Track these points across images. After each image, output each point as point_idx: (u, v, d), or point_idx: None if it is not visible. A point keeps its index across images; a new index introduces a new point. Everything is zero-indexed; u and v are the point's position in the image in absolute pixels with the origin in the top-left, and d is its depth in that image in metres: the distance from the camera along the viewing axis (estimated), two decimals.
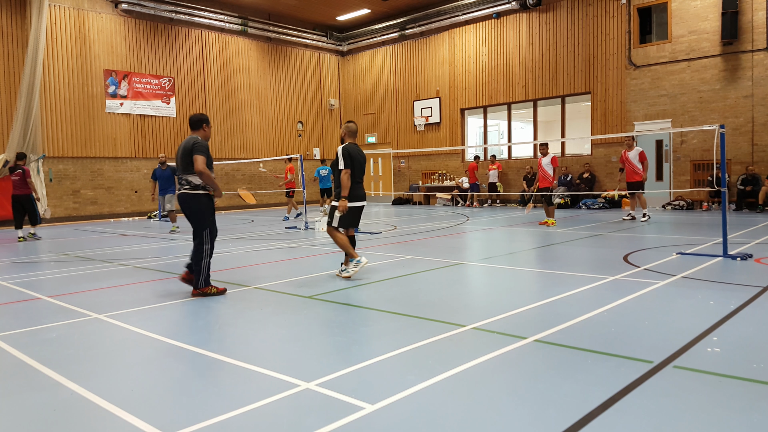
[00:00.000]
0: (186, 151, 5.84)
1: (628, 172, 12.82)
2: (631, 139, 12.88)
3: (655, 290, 5.53)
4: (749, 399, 2.93)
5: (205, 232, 5.91)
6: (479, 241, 10.58)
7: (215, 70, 21.44)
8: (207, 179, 5.81)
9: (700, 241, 8.98)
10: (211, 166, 5.94)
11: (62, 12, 17.52)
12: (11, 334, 4.61)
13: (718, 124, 7.48)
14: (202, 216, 5.91)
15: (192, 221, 5.96)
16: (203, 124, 6.07)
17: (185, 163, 5.85)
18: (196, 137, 5.94)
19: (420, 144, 23.13)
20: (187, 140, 5.92)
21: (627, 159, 12.79)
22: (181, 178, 5.93)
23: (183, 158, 5.86)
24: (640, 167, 12.63)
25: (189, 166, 5.83)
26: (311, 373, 3.47)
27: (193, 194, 5.88)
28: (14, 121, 16.18)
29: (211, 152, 6.02)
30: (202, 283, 5.87)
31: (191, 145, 5.82)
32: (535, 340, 4.01)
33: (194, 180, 5.87)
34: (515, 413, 2.85)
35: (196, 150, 5.77)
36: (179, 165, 5.93)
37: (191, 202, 5.89)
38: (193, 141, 5.86)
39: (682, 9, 16.35)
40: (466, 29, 21.50)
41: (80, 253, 9.95)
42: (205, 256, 5.87)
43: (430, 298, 5.63)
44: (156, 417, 2.92)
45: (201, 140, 5.92)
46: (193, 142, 5.83)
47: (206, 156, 5.82)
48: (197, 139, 5.90)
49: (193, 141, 5.86)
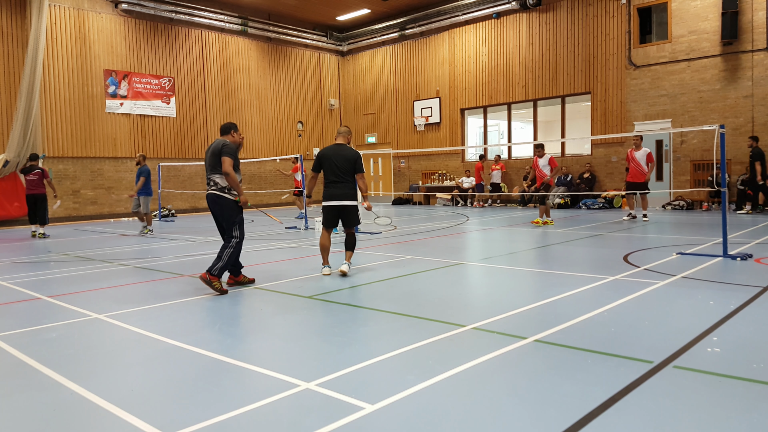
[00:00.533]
0: (215, 152, 6.11)
1: (632, 171, 12.73)
2: (639, 138, 12.78)
3: (655, 290, 5.53)
4: (749, 399, 2.93)
5: (234, 227, 6.17)
6: (479, 241, 10.58)
7: (215, 70, 21.45)
8: (232, 181, 6.06)
9: (700, 241, 8.98)
10: (238, 168, 6.21)
11: (62, 12, 17.52)
12: (11, 334, 4.61)
13: (718, 124, 7.48)
14: (230, 215, 6.17)
15: (224, 218, 6.20)
16: (232, 130, 6.40)
17: (213, 163, 6.13)
18: (224, 140, 6.24)
19: (420, 144, 23.13)
20: (216, 142, 6.21)
21: (633, 158, 12.69)
22: (209, 179, 6.20)
23: (211, 159, 6.15)
24: (646, 168, 12.56)
25: (218, 166, 6.10)
26: (311, 373, 3.47)
27: (220, 195, 6.15)
28: (14, 121, 16.19)
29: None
30: (216, 272, 5.96)
31: (220, 146, 6.10)
32: (535, 340, 4.01)
33: (221, 181, 6.12)
34: (515, 413, 2.85)
35: (224, 152, 6.05)
36: (207, 166, 6.21)
37: (218, 202, 6.17)
38: (222, 143, 6.15)
39: (682, 9, 16.35)
40: (466, 29, 21.50)
41: (80, 253, 9.95)
42: (230, 246, 6.09)
43: (430, 298, 5.63)
44: (156, 417, 2.92)
45: (230, 143, 6.20)
46: (222, 144, 6.13)
47: (234, 158, 6.08)
48: (226, 142, 6.19)
49: (222, 143, 6.15)
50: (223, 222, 6.22)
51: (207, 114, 21.11)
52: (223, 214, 6.18)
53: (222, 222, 6.25)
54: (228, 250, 6.07)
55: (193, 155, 20.59)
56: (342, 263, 7.02)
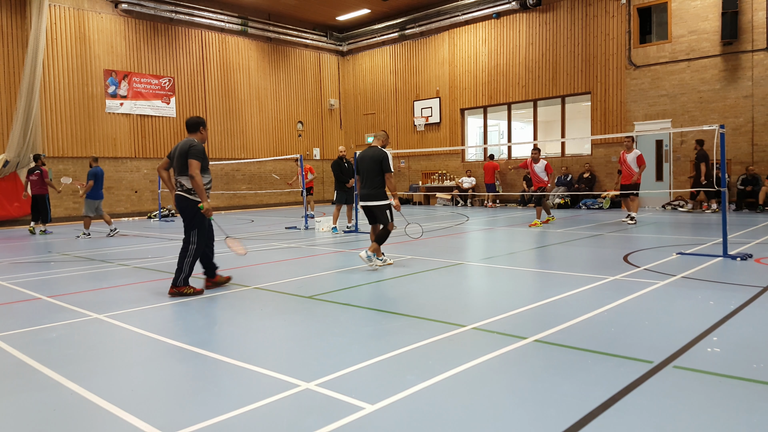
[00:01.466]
0: (182, 154, 5.89)
1: (624, 174, 12.48)
2: (631, 140, 12.49)
3: (655, 290, 5.53)
4: (749, 399, 2.93)
5: (192, 232, 5.96)
6: (479, 241, 10.58)
7: (215, 70, 21.44)
8: (196, 186, 5.83)
9: (700, 241, 8.98)
10: (206, 169, 6.01)
11: (62, 12, 17.52)
12: (11, 334, 4.61)
13: (718, 124, 7.48)
14: (191, 218, 5.97)
15: (184, 221, 6.04)
16: (200, 127, 6.13)
17: (180, 165, 5.91)
18: (192, 140, 5.97)
19: (420, 144, 23.12)
20: (183, 143, 5.96)
21: (624, 161, 12.39)
22: (177, 181, 6.01)
23: (179, 160, 5.92)
24: (637, 170, 12.24)
25: (184, 168, 5.88)
26: (311, 373, 3.47)
27: (186, 197, 5.96)
28: (14, 121, 16.18)
29: (211, 153, 6.17)
30: (181, 282, 5.90)
31: (188, 147, 5.86)
32: (535, 340, 4.01)
33: (187, 183, 5.93)
34: (515, 413, 2.85)
35: (191, 154, 5.81)
36: (175, 167, 5.99)
37: (183, 203, 5.98)
38: (189, 144, 5.89)
39: (682, 9, 16.35)
40: (466, 29, 21.50)
41: (80, 253, 9.95)
42: (189, 255, 5.92)
43: (430, 298, 5.63)
44: (156, 417, 2.92)
45: (197, 143, 5.95)
46: (189, 145, 5.87)
47: (201, 160, 5.86)
48: (194, 143, 5.92)
49: (190, 144, 5.89)
50: (184, 223, 6.00)
51: (207, 114, 21.10)
52: (183, 216, 6.00)
53: (184, 223, 6.02)
54: (187, 259, 5.89)
55: None
56: (366, 250, 7.26)
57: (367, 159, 7.38)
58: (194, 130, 6.11)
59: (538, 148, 12.35)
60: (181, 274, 5.90)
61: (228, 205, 21.82)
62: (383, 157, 7.32)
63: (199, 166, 5.82)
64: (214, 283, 6.32)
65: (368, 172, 7.37)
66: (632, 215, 12.39)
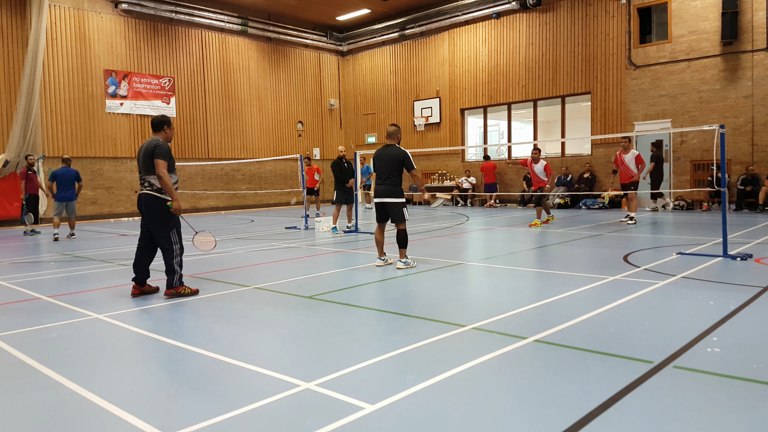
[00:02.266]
0: (147, 154, 5.80)
1: (622, 174, 12.41)
2: (627, 141, 12.42)
3: (655, 290, 5.53)
4: (749, 399, 2.93)
5: (171, 232, 5.91)
6: (479, 241, 10.58)
7: (215, 70, 21.44)
8: (165, 185, 5.78)
9: (700, 241, 8.98)
10: (173, 168, 5.93)
11: (62, 12, 17.52)
12: (11, 334, 4.61)
13: (718, 124, 7.48)
14: (166, 218, 5.88)
15: (155, 224, 5.91)
16: (164, 126, 6.04)
17: (147, 164, 5.83)
18: (157, 140, 5.90)
19: (420, 144, 23.13)
20: (148, 142, 5.88)
21: (622, 162, 12.32)
22: (143, 180, 5.90)
23: (144, 160, 5.84)
24: (636, 171, 12.20)
25: (151, 168, 5.81)
26: (311, 373, 3.47)
27: (156, 197, 5.85)
28: (14, 121, 16.18)
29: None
30: (177, 283, 5.89)
31: (153, 147, 5.79)
32: (535, 340, 4.01)
33: (156, 182, 5.84)
34: (515, 413, 2.85)
35: (157, 154, 5.75)
36: (141, 166, 5.91)
37: (154, 204, 5.85)
38: (154, 144, 5.82)
39: (682, 9, 16.35)
40: (466, 29, 21.50)
41: (80, 253, 9.95)
42: (176, 255, 5.88)
43: (430, 298, 5.63)
44: (156, 417, 2.92)
45: (162, 143, 5.88)
46: (154, 145, 5.80)
47: (167, 160, 5.80)
48: (158, 142, 5.85)
49: (155, 144, 5.82)
50: (157, 225, 5.88)
51: (207, 114, 21.11)
52: (159, 218, 5.86)
53: (155, 225, 5.90)
54: (175, 260, 5.86)
55: (193, 155, 20.57)
56: (397, 260, 7.42)
57: (386, 157, 7.43)
58: (159, 129, 6.03)
59: (538, 149, 12.32)
60: (174, 275, 5.88)
61: (228, 205, 21.82)
62: (404, 156, 7.40)
63: (166, 165, 5.76)
64: (142, 291, 6.07)
65: (386, 170, 7.42)
66: (632, 215, 12.34)
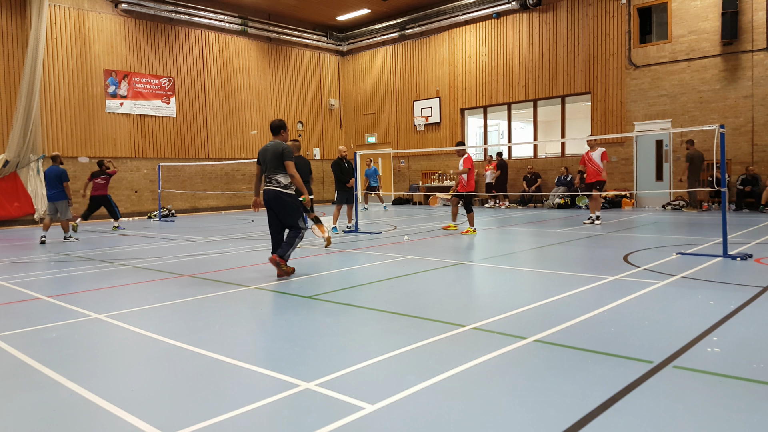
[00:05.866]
0: (276, 155, 6.70)
1: (590, 171, 12.49)
2: (594, 141, 12.61)
3: (655, 290, 5.53)
4: (749, 399, 2.93)
5: (300, 220, 6.85)
6: (479, 241, 10.57)
7: (215, 70, 21.44)
8: (297, 182, 6.76)
9: (700, 241, 8.98)
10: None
11: (62, 12, 17.52)
12: (11, 334, 4.61)
13: (718, 124, 7.48)
14: (296, 209, 6.85)
15: (288, 214, 6.81)
16: (281, 130, 6.96)
17: (275, 164, 6.72)
18: (282, 143, 6.80)
19: (420, 144, 23.13)
20: (275, 144, 6.76)
21: (590, 159, 12.46)
22: (270, 178, 6.77)
23: (273, 161, 6.72)
24: (602, 165, 12.30)
25: (280, 167, 6.71)
26: (311, 373, 3.47)
27: (286, 193, 6.77)
28: (14, 121, 16.17)
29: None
30: (288, 256, 6.75)
31: (281, 150, 6.69)
32: (535, 340, 4.01)
33: (284, 180, 6.74)
34: (515, 413, 2.85)
35: (286, 156, 6.69)
36: (269, 166, 6.75)
37: (286, 198, 6.77)
38: (282, 147, 6.72)
39: (682, 9, 16.35)
40: (466, 29, 21.50)
41: (80, 253, 9.95)
42: (299, 237, 6.80)
43: (430, 298, 5.64)
44: (156, 417, 2.92)
45: (287, 146, 6.79)
46: (282, 148, 6.71)
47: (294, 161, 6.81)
48: (285, 145, 6.77)
49: (283, 147, 6.72)
50: (288, 218, 6.79)
51: (207, 114, 21.11)
52: (290, 210, 6.78)
53: (287, 218, 6.79)
54: (297, 239, 6.77)
55: (193, 155, 20.58)
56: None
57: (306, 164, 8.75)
58: (277, 132, 6.94)
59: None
60: (290, 248, 6.74)
61: (228, 205, 21.82)
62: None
63: (294, 166, 6.75)
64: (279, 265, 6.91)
65: None
66: (597, 215, 12.37)
